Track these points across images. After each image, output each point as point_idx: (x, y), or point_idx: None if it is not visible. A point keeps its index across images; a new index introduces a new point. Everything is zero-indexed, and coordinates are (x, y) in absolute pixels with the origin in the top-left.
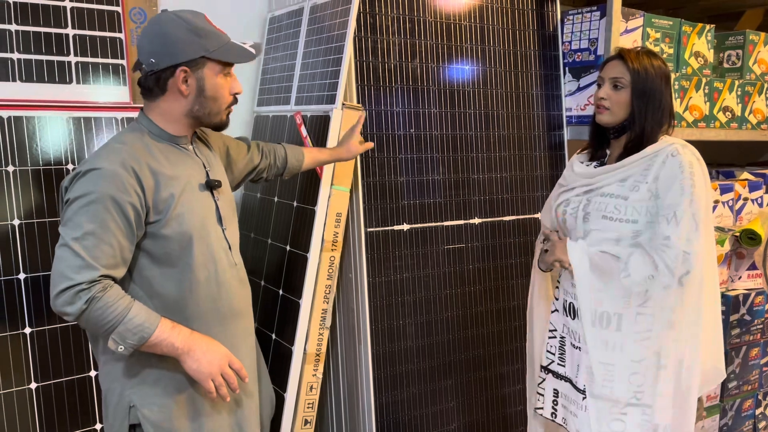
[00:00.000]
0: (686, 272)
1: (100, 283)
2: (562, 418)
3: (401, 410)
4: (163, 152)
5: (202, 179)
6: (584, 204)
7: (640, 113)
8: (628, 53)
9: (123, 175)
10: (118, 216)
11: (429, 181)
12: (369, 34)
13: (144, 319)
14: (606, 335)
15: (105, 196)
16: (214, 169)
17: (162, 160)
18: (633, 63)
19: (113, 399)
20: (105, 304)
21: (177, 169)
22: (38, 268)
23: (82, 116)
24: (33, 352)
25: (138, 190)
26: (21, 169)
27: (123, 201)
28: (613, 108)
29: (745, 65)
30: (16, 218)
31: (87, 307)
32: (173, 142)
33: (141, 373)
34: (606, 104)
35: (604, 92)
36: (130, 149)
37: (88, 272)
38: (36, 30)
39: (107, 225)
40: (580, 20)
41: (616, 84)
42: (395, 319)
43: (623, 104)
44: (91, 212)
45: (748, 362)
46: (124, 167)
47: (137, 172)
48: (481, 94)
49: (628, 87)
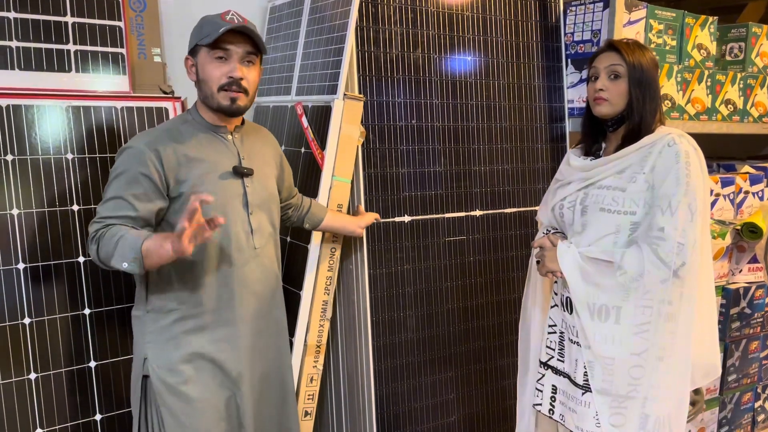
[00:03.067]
0: (682, 264)
1: (106, 226)
2: (560, 415)
3: (401, 402)
4: (198, 138)
5: (233, 166)
6: (581, 197)
7: (638, 102)
8: (620, 44)
9: (146, 152)
10: (134, 184)
11: (430, 173)
12: (371, 24)
13: (136, 235)
14: (605, 329)
15: (126, 170)
16: (253, 160)
17: (192, 144)
18: (627, 53)
19: (136, 351)
20: (107, 237)
21: (205, 154)
22: (37, 258)
23: (82, 105)
24: (32, 343)
25: (158, 165)
26: (20, 158)
27: (139, 172)
28: (612, 98)
29: (748, 58)
30: (15, 208)
31: (97, 245)
32: (212, 131)
33: (158, 333)
34: (604, 95)
35: (601, 83)
36: (162, 132)
37: (99, 223)
38: (35, 18)
39: (124, 193)
40: (582, 11)
41: (614, 74)
42: (396, 311)
43: (622, 94)
44: (115, 184)
45: (748, 355)
46: (148, 146)
47: (160, 151)
48: (482, 85)
49: (625, 77)
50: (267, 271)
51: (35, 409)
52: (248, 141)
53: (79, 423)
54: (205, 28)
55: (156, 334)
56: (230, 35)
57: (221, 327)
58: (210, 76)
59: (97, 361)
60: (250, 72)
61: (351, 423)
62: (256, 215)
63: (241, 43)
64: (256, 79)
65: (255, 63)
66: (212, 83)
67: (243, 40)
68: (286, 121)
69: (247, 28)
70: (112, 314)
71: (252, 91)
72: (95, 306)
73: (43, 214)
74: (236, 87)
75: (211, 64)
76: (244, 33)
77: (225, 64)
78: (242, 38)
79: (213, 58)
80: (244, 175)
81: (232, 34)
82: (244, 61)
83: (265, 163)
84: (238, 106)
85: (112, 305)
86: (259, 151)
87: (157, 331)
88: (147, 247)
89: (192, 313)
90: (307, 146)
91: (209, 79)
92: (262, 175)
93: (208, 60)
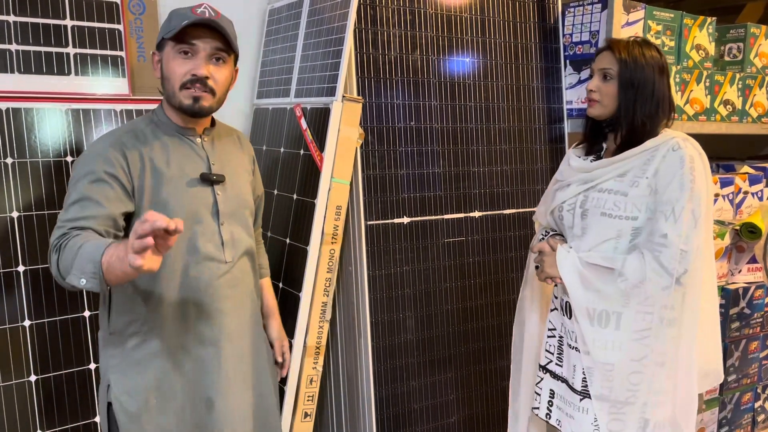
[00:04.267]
0: (684, 271)
1: (68, 231)
2: (557, 420)
3: (401, 403)
4: (163, 142)
5: (201, 172)
6: (581, 200)
7: (627, 105)
8: (617, 43)
9: (110, 152)
10: (101, 184)
11: (429, 174)
12: (369, 25)
13: (95, 245)
14: (605, 335)
15: (89, 171)
16: (224, 166)
17: (157, 149)
18: (621, 53)
19: (101, 376)
20: (68, 248)
21: (170, 160)
22: (37, 261)
23: (81, 108)
24: (32, 345)
25: (123, 165)
26: (19, 161)
27: (105, 172)
28: (603, 100)
29: (746, 58)
30: (14, 210)
31: (57, 256)
32: (179, 133)
33: (121, 357)
34: (595, 96)
35: (593, 84)
36: (127, 133)
37: (61, 230)
38: (34, 21)
39: (88, 193)
40: (581, 12)
41: (605, 75)
42: (395, 312)
43: (612, 96)
44: (78, 186)
45: (748, 356)
46: (112, 146)
47: (125, 151)
48: (481, 86)
49: (615, 78)
50: (241, 288)
51: (35, 411)
52: (220, 144)
53: (79, 425)
54: (173, 21)
55: (119, 358)
56: (198, 30)
57: (190, 349)
58: (173, 73)
59: (97, 363)
60: (218, 71)
61: (351, 424)
62: (227, 226)
63: (210, 39)
64: (225, 79)
65: (226, 62)
66: (175, 80)
67: (212, 36)
68: (285, 123)
69: (217, 23)
70: None
71: (220, 92)
72: (95, 308)
73: (42, 217)
74: (200, 85)
75: (174, 60)
76: (214, 28)
77: (190, 61)
78: (212, 33)
79: (177, 53)
80: (213, 182)
81: (201, 28)
82: (212, 58)
83: (239, 169)
84: (201, 107)
85: None
86: (232, 156)
87: (119, 355)
88: (108, 259)
89: (156, 335)
90: (306, 148)
91: (172, 76)
92: (235, 182)
93: (173, 55)
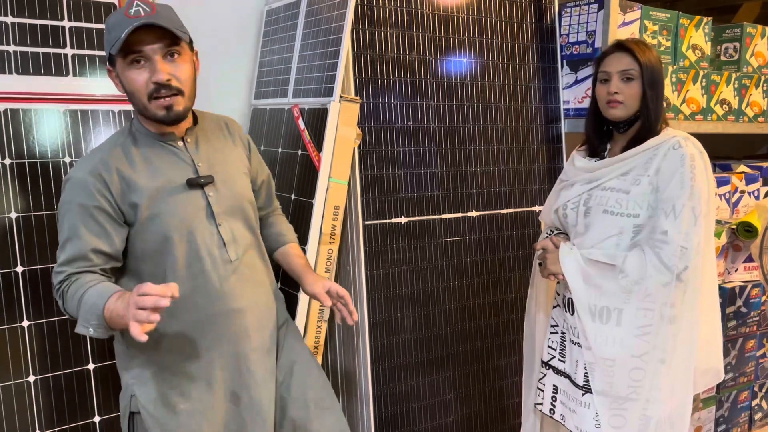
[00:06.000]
0: (685, 267)
1: (68, 279)
2: (560, 415)
3: (399, 402)
4: (144, 154)
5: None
6: (585, 198)
7: (652, 103)
8: (632, 44)
9: (90, 182)
10: (88, 219)
11: (427, 174)
12: (366, 26)
13: (96, 297)
14: (606, 331)
15: (74, 204)
16: (213, 164)
17: (138, 163)
18: (640, 54)
19: (123, 385)
20: (69, 295)
21: (154, 172)
22: (36, 261)
23: (79, 109)
24: (31, 345)
25: (106, 193)
26: (17, 161)
27: (90, 206)
28: (627, 101)
29: (743, 58)
30: (13, 211)
31: (62, 301)
32: (159, 140)
33: (141, 365)
34: (620, 98)
35: (615, 86)
36: (105, 155)
37: (61, 275)
38: (32, 22)
39: (79, 231)
40: (577, 12)
41: (627, 77)
42: (393, 312)
43: (636, 96)
44: (66, 221)
45: (744, 354)
46: (92, 174)
47: (105, 177)
48: (478, 86)
49: (639, 78)
50: (251, 284)
51: (34, 412)
52: (204, 142)
53: (78, 425)
54: (113, 33)
55: (139, 368)
56: (141, 33)
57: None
58: (134, 86)
59: (96, 363)
60: (177, 68)
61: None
62: (226, 225)
63: (156, 39)
64: (188, 72)
65: (182, 54)
66: (140, 94)
67: (158, 35)
68: (283, 124)
69: (155, 20)
70: None
71: (188, 88)
72: None
73: (41, 218)
74: (165, 91)
75: (130, 72)
76: (156, 25)
77: (145, 69)
78: (155, 32)
79: (129, 65)
80: (202, 185)
81: (142, 31)
82: (165, 57)
83: (230, 163)
84: (177, 113)
85: None
86: (220, 151)
87: (139, 366)
88: (109, 315)
89: (174, 343)
90: (304, 148)
91: (134, 90)
92: (227, 178)
93: (127, 68)
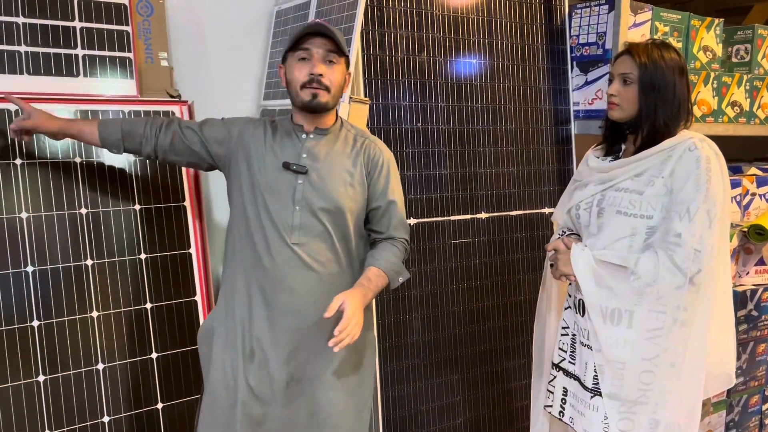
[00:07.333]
0: (698, 271)
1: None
2: (570, 417)
3: (407, 404)
4: (279, 133)
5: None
6: (598, 199)
7: (649, 108)
8: (636, 47)
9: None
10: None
11: (436, 176)
12: (376, 27)
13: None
14: (617, 333)
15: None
16: (320, 163)
17: (269, 135)
18: (640, 57)
19: None
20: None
21: (273, 146)
22: (46, 261)
23: (89, 109)
24: (41, 345)
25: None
26: (29, 162)
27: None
28: (623, 104)
29: (754, 60)
30: (24, 211)
31: None
32: (292, 129)
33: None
34: (616, 100)
35: (614, 88)
36: (258, 120)
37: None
38: (43, 23)
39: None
40: (588, 14)
41: (625, 79)
42: (401, 314)
43: (632, 99)
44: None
45: (755, 358)
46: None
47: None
48: (488, 88)
49: (635, 82)
50: (307, 273)
51: (44, 412)
52: (326, 144)
53: (87, 425)
54: (291, 35)
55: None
56: (312, 37)
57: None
58: (294, 77)
59: (106, 363)
60: (331, 71)
61: None
62: (301, 212)
63: (322, 43)
64: (338, 78)
65: (338, 63)
66: (296, 83)
67: (324, 41)
68: None
69: (327, 28)
70: (119, 317)
71: (335, 89)
72: (103, 309)
73: (51, 218)
74: (316, 84)
75: (295, 66)
76: (325, 34)
77: (307, 64)
78: (323, 39)
79: (297, 60)
80: (294, 171)
81: (314, 36)
82: (325, 60)
83: (335, 169)
84: (319, 102)
85: (119, 308)
86: (334, 157)
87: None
88: None
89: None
90: None
91: (293, 80)
92: (324, 178)
93: (294, 63)
